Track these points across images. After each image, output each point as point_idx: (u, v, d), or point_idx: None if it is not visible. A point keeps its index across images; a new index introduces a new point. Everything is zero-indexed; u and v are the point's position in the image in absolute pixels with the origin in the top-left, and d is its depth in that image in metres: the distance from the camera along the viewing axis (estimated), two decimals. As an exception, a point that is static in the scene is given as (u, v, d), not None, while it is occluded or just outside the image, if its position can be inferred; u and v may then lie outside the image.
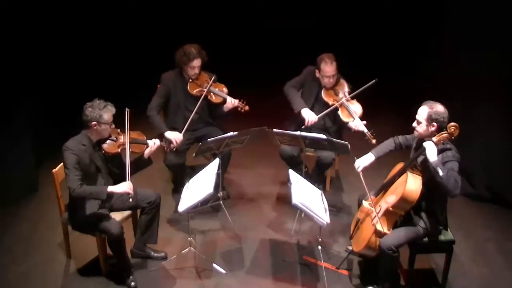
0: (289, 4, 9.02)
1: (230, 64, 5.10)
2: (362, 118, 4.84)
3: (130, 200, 4.09)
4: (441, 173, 3.63)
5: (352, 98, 4.95)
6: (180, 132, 4.92)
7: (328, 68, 4.88)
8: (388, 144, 4.23)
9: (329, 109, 4.95)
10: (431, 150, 3.70)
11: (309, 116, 4.94)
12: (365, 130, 4.70)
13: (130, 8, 8.31)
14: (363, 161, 4.16)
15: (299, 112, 4.97)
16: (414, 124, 3.92)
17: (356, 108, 4.92)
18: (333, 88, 5.02)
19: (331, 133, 5.03)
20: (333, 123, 5.07)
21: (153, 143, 4.28)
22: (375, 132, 4.64)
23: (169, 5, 8.62)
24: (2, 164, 5.09)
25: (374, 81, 4.79)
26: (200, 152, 4.70)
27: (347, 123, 4.87)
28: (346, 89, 5.00)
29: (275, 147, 5.17)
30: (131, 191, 4.02)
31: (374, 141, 4.59)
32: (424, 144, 3.75)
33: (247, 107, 5.02)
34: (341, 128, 5.07)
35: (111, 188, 3.99)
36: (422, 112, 3.85)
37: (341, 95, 4.96)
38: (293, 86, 5.12)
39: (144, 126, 4.85)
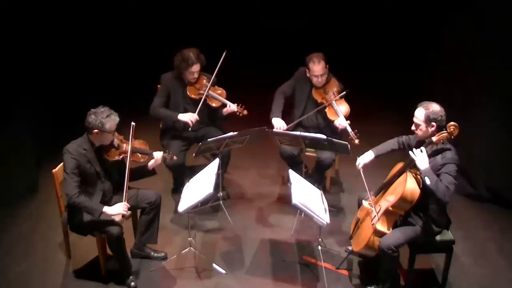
0: (288, 5, 9.02)
1: (230, 64, 5.07)
2: (350, 117, 4.89)
3: (124, 220, 4.19)
4: (428, 182, 3.67)
5: (341, 97, 4.99)
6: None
7: (316, 68, 4.94)
8: (391, 143, 4.25)
9: (317, 108, 5.03)
10: (421, 159, 3.73)
11: (277, 123, 5.03)
12: (349, 129, 4.78)
13: (129, 8, 8.31)
14: (363, 159, 4.21)
15: (271, 119, 5.07)
16: (413, 127, 3.93)
17: (343, 107, 4.98)
18: (323, 87, 5.07)
19: (325, 131, 5.03)
20: (325, 122, 5.09)
21: (157, 156, 4.31)
22: (375, 133, 4.66)
23: (168, 6, 8.62)
24: (2, 164, 5.09)
25: (343, 93, 4.86)
26: (200, 152, 4.70)
27: (333, 121, 4.93)
28: (336, 88, 5.04)
29: (275, 147, 5.17)
30: (125, 213, 4.05)
31: (357, 141, 4.67)
32: (415, 151, 3.78)
33: (245, 112, 5.02)
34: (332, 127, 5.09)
35: (105, 209, 3.99)
36: (419, 114, 3.86)
37: (330, 94, 5.01)
38: (283, 92, 5.20)
39: (147, 131, 4.86)
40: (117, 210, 4.01)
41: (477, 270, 4.44)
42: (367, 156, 4.22)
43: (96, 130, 3.98)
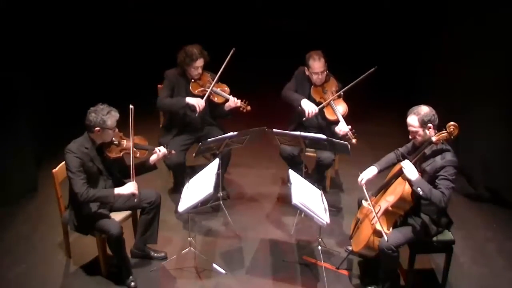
0: (291, 5, 9.03)
1: (231, 64, 5.07)
2: (349, 117, 4.88)
3: (135, 200, 4.14)
4: (421, 193, 3.69)
5: (339, 96, 4.99)
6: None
7: (316, 65, 4.92)
8: (391, 158, 4.23)
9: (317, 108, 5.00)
10: (409, 170, 3.74)
11: (309, 107, 4.95)
12: (348, 131, 4.74)
13: (130, 9, 8.32)
14: (366, 174, 4.15)
15: (300, 105, 4.98)
16: (410, 137, 3.93)
17: (341, 107, 4.95)
18: (322, 86, 5.06)
19: (325, 130, 5.02)
20: (325, 122, 5.08)
21: (159, 150, 4.31)
22: (373, 132, 4.65)
23: (169, 5, 8.63)
24: (2, 164, 5.09)
25: (370, 71, 4.83)
26: (200, 152, 4.71)
27: (332, 121, 4.92)
28: (334, 88, 5.03)
29: (275, 147, 5.17)
30: (136, 192, 4.05)
31: (354, 140, 4.65)
32: (402, 164, 3.80)
33: (249, 107, 5.01)
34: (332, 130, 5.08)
35: (118, 190, 4.01)
36: (413, 122, 3.85)
37: (328, 93, 5.00)
38: (289, 89, 5.17)
39: (147, 131, 4.85)
40: (129, 189, 4.04)
41: (477, 270, 4.44)
42: (370, 172, 4.15)
43: (97, 128, 3.98)
